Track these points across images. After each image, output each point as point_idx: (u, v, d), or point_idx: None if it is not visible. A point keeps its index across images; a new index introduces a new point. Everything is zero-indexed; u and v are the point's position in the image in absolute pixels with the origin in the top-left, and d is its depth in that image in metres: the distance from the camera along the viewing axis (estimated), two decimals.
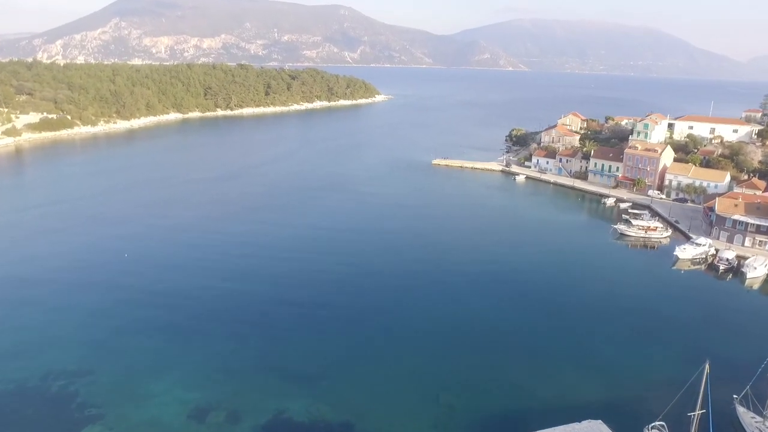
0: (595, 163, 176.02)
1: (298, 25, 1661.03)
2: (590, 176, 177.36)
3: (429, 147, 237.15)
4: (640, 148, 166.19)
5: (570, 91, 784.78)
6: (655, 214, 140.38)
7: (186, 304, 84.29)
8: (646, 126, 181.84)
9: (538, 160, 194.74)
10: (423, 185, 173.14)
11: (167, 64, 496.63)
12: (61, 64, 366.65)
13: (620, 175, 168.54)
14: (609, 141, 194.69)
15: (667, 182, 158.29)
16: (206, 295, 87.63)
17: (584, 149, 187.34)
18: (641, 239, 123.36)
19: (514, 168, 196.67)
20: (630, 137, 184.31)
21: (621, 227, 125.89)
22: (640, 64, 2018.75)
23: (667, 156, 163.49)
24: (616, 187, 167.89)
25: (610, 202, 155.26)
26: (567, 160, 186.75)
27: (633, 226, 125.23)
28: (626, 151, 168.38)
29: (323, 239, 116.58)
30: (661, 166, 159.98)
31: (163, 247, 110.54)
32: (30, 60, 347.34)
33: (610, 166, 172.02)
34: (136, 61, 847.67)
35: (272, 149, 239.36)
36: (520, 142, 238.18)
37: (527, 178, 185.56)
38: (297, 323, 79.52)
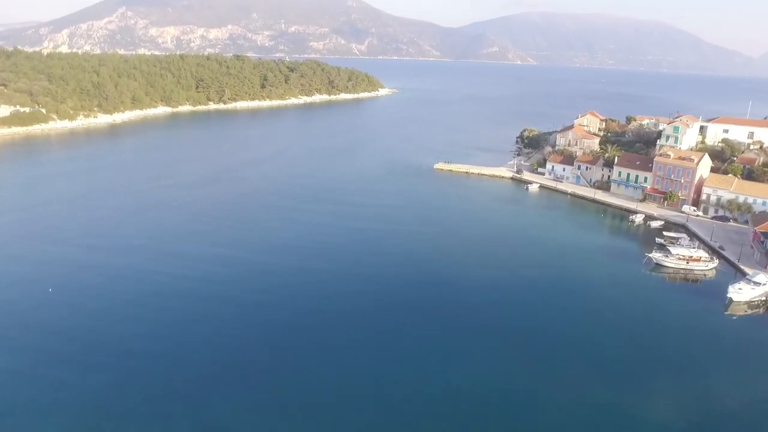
0: (620, 172, 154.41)
1: (305, 16, 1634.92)
2: (613, 186, 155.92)
3: (431, 148, 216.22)
4: (672, 156, 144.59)
5: (580, 86, 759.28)
6: (693, 236, 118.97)
7: (103, 370, 64.01)
8: (676, 129, 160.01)
9: (553, 167, 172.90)
10: (421, 196, 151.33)
11: (158, 54, 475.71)
12: (45, 54, 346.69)
13: (649, 187, 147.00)
14: (633, 145, 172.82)
15: (704, 197, 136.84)
16: (130, 357, 66.95)
17: (606, 155, 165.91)
18: (681, 271, 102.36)
19: (526, 175, 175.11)
20: (658, 142, 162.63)
21: (657, 256, 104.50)
22: (650, 59, 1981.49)
23: (704, 166, 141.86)
24: (643, 200, 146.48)
25: (638, 219, 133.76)
26: (587, 168, 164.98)
27: (671, 255, 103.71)
28: (656, 159, 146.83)
29: (291, 275, 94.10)
30: (697, 178, 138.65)
31: (95, 283, 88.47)
32: (10, 49, 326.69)
33: (636, 176, 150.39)
34: (142, 51, 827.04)
35: (260, 148, 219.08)
36: (533, 144, 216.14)
37: (541, 187, 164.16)
38: (243, 399, 59.22)
